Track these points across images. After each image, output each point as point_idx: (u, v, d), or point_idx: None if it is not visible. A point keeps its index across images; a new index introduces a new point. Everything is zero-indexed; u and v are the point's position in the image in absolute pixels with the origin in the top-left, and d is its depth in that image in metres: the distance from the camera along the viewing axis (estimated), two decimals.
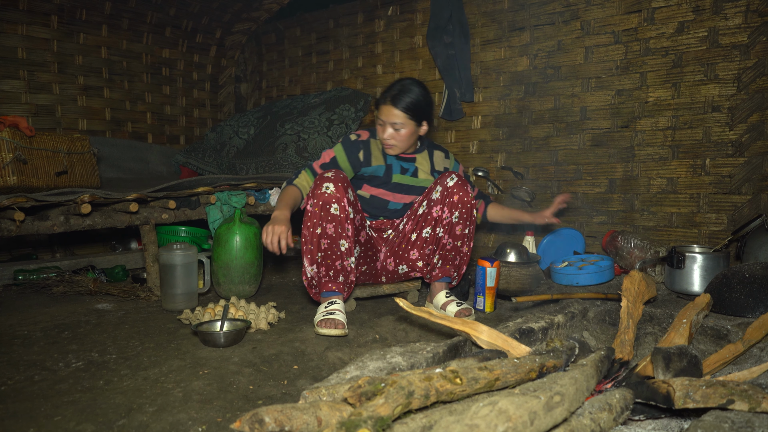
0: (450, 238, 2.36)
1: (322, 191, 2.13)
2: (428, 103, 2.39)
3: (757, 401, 1.14)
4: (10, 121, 2.38)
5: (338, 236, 2.16)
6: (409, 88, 2.32)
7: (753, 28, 2.81)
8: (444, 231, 2.35)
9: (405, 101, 2.29)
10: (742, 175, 2.87)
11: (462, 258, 2.43)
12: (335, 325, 2.07)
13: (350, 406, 1.05)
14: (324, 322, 2.08)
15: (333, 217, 2.13)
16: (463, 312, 2.29)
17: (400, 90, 2.32)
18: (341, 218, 2.14)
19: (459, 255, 2.40)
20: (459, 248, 2.39)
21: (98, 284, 2.78)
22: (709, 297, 1.98)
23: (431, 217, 2.37)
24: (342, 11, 4.46)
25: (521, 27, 3.57)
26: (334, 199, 2.12)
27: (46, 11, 3.75)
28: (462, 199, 2.30)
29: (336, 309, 2.14)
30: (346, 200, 2.15)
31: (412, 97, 2.31)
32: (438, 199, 2.34)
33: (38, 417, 1.43)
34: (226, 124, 4.51)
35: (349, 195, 2.19)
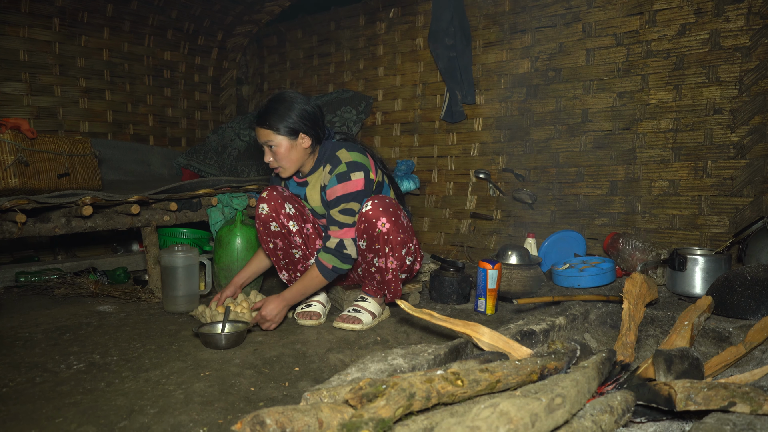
0: (363, 262, 2.26)
1: (259, 212, 2.26)
2: (300, 114, 2.14)
3: (758, 403, 1.13)
4: (11, 124, 2.39)
5: (288, 247, 2.31)
6: (276, 101, 2.15)
7: (755, 30, 2.80)
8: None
9: (269, 117, 2.13)
10: (744, 178, 2.86)
11: (384, 279, 2.23)
12: (311, 316, 2.30)
13: (351, 407, 1.05)
14: (301, 314, 2.31)
15: (276, 233, 2.27)
16: (347, 319, 2.23)
17: (265, 106, 2.16)
18: (284, 233, 2.27)
19: (377, 276, 2.24)
20: (373, 273, 2.25)
21: (100, 286, 2.78)
22: (710, 299, 1.97)
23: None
24: (343, 13, 4.46)
25: (523, 29, 3.57)
26: (270, 218, 2.24)
27: (47, 14, 3.76)
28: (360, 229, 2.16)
29: (315, 301, 2.37)
30: (283, 215, 2.24)
31: (278, 110, 2.13)
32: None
33: (40, 419, 1.43)
34: (228, 126, 4.51)
35: (286, 210, 2.25)
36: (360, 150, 2.23)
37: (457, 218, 3.93)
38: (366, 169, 2.18)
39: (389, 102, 4.23)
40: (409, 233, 2.22)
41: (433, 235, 4.03)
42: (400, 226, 2.15)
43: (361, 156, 2.20)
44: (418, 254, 2.34)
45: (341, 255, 2.14)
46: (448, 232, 3.96)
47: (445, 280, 2.65)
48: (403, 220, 2.20)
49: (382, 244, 2.12)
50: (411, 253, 2.25)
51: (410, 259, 2.25)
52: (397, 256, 2.16)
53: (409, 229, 2.25)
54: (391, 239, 2.11)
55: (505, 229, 3.70)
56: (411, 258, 2.26)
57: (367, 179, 2.18)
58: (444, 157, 3.98)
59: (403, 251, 2.18)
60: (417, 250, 2.31)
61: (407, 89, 4.14)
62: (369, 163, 2.23)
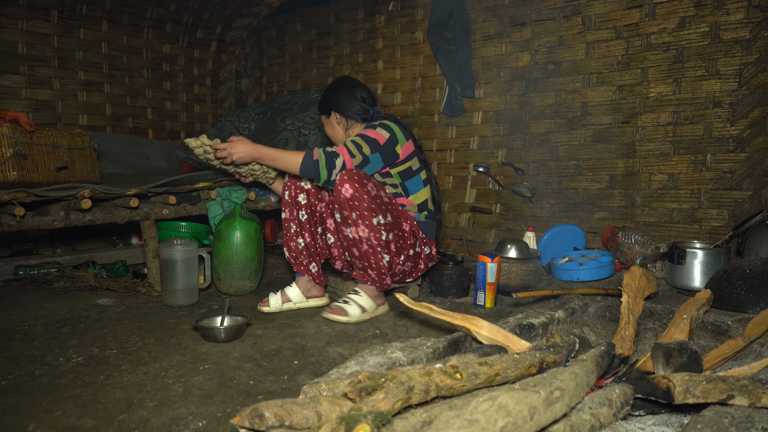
0: (341, 237, 2.28)
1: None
2: (329, 95, 2.45)
3: (757, 396, 1.13)
4: (10, 116, 2.38)
5: (292, 217, 2.46)
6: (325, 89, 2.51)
7: (755, 23, 2.80)
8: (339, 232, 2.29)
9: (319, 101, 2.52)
10: (743, 171, 2.86)
11: (361, 253, 2.20)
12: (286, 299, 2.45)
13: (350, 401, 1.05)
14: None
15: (286, 202, 2.47)
16: (335, 310, 2.25)
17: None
18: (289, 201, 2.46)
19: (355, 251, 2.23)
20: (351, 249, 2.24)
21: (99, 280, 2.78)
22: (709, 293, 1.98)
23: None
24: (343, 6, 4.45)
25: (522, 22, 3.56)
26: (285, 186, 2.48)
27: (46, 6, 3.74)
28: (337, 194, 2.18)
29: (294, 284, 2.50)
30: (296, 187, 2.43)
31: (323, 95, 2.49)
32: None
33: (39, 412, 1.43)
34: (227, 120, 4.50)
35: (300, 183, 2.43)
36: (401, 128, 2.36)
37: (456, 212, 3.93)
38: (394, 134, 2.29)
39: (389, 95, 4.22)
40: (388, 210, 2.21)
41: None
42: (370, 195, 2.14)
43: (396, 128, 2.32)
44: (416, 248, 2.35)
45: (330, 160, 2.17)
46: (447, 225, 3.96)
47: (444, 273, 2.65)
48: (378, 192, 2.19)
49: (348, 210, 2.13)
50: (391, 230, 2.21)
51: (390, 237, 2.20)
52: (367, 225, 2.13)
53: (390, 207, 2.23)
54: (357, 205, 2.11)
55: (504, 222, 3.70)
56: (391, 235, 2.21)
57: (391, 141, 2.27)
58: (443, 150, 3.97)
59: (375, 221, 2.14)
60: (409, 240, 2.31)
61: (406, 82, 4.12)
62: (402, 136, 2.33)
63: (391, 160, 2.31)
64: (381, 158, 2.26)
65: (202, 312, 2.39)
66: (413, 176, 2.39)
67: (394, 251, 2.25)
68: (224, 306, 2.08)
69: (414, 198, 2.42)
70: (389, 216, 2.20)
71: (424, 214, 2.44)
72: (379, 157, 2.25)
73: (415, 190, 2.41)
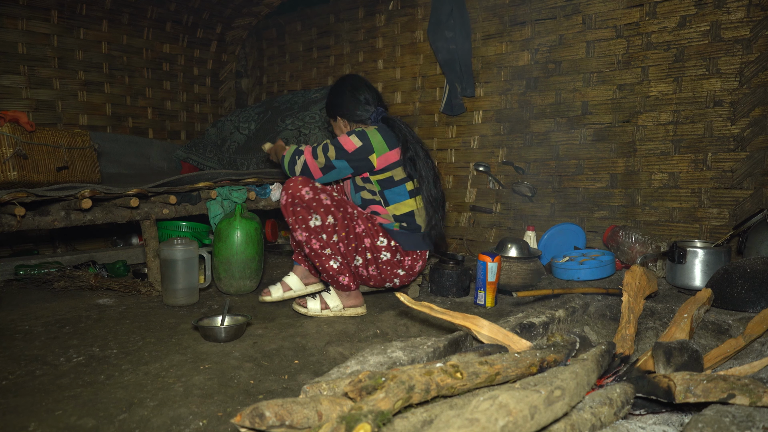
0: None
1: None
2: (333, 99, 2.45)
3: (758, 395, 1.13)
4: (10, 116, 2.38)
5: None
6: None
7: (755, 22, 2.79)
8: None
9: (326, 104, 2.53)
10: (744, 170, 2.86)
11: (308, 254, 2.26)
12: (287, 288, 2.54)
13: (351, 400, 1.05)
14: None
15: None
16: (301, 302, 2.36)
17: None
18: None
19: (305, 250, 2.27)
20: (302, 250, 2.37)
21: (99, 279, 2.78)
22: (710, 292, 1.97)
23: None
24: (343, 6, 4.45)
25: (522, 21, 3.56)
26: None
27: (46, 6, 3.74)
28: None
29: (291, 272, 2.60)
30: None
31: (328, 98, 2.49)
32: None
33: (39, 411, 1.43)
34: (227, 120, 4.50)
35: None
36: (386, 136, 2.27)
37: (456, 211, 3.93)
38: (368, 146, 2.22)
39: (389, 95, 4.22)
40: (329, 212, 2.18)
41: None
42: (303, 200, 2.16)
43: (377, 137, 2.24)
44: (378, 253, 2.29)
45: (293, 158, 2.30)
46: (447, 225, 3.96)
47: (444, 273, 2.65)
48: (315, 195, 2.16)
49: (286, 215, 2.22)
50: (335, 232, 2.19)
51: (335, 239, 2.19)
52: (304, 227, 2.17)
53: (334, 209, 2.19)
54: (292, 210, 2.18)
55: (504, 221, 3.70)
56: (336, 237, 2.19)
57: (362, 150, 2.21)
58: (444, 149, 3.97)
59: (312, 223, 2.16)
60: (364, 243, 2.26)
61: (407, 82, 4.12)
62: (383, 145, 2.24)
63: (362, 170, 2.26)
64: (348, 165, 2.24)
65: (203, 312, 2.39)
66: (395, 186, 2.29)
67: (344, 253, 2.25)
68: (225, 305, 2.08)
69: (393, 209, 2.32)
70: (330, 218, 2.18)
71: (398, 224, 2.33)
72: (346, 164, 2.23)
73: (395, 200, 2.31)
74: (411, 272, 2.41)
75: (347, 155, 2.21)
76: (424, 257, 2.43)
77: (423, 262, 2.43)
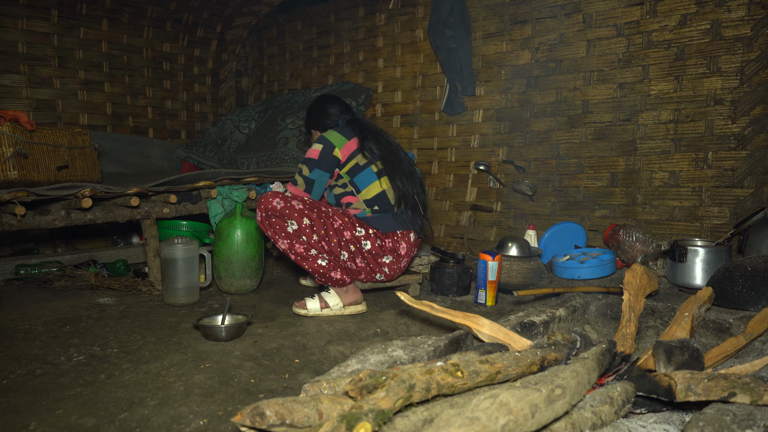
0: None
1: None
2: (307, 116, 2.65)
3: (758, 394, 1.13)
4: (10, 116, 2.38)
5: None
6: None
7: (756, 20, 2.79)
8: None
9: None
10: (745, 169, 2.86)
11: (294, 260, 2.33)
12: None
13: (351, 399, 1.04)
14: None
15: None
16: (300, 304, 2.38)
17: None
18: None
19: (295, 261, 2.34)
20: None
21: (100, 279, 2.78)
22: (711, 290, 1.97)
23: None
24: (343, 5, 4.44)
25: (523, 20, 3.55)
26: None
27: (46, 5, 3.74)
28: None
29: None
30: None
31: (305, 116, 2.67)
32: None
33: (40, 410, 1.43)
34: (227, 119, 4.50)
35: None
36: (343, 131, 2.41)
37: (457, 210, 3.93)
38: (328, 144, 2.36)
39: (389, 94, 4.22)
40: (304, 215, 2.23)
41: (434, 227, 4.02)
42: (276, 210, 2.22)
43: (334, 134, 2.40)
44: (360, 243, 2.33)
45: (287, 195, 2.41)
46: (448, 224, 3.96)
47: (445, 272, 2.65)
48: (287, 204, 2.22)
49: (264, 230, 2.27)
50: (314, 231, 2.24)
51: (315, 238, 2.24)
52: (284, 235, 2.23)
53: (308, 211, 2.24)
54: (267, 224, 2.24)
55: (505, 220, 3.70)
56: (316, 237, 2.24)
57: (325, 149, 2.36)
58: (444, 148, 3.97)
59: (290, 229, 2.23)
60: (345, 236, 2.29)
61: (407, 81, 4.12)
62: (340, 138, 2.39)
63: (334, 166, 2.38)
64: (322, 170, 2.36)
65: (203, 311, 2.39)
66: (361, 171, 2.38)
67: (329, 250, 2.28)
68: (225, 305, 2.08)
69: (365, 193, 2.38)
70: (306, 220, 2.23)
71: (370, 209, 2.39)
72: (320, 171, 2.36)
73: (365, 184, 2.38)
74: (397, 257, 2.40)
75: (316, 162, 2.36)
76: (408, 239, 2.42)
77: (407, 244, 2.41)
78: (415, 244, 2.47)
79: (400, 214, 2.39)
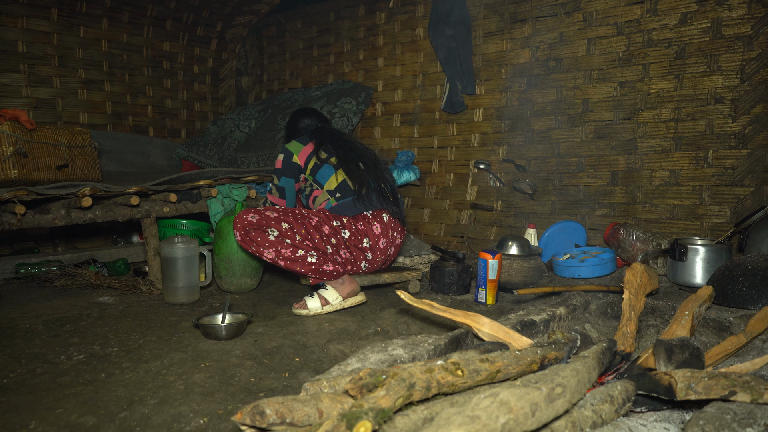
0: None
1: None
2: (286, 130, 2.86)
3: (759, 392, 1.13)
4: (10, 115, 2.38)
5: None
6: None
7: (757, 18, 2.79)
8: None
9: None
10: (745, 167, 2.85)
11: (293, 267, 2.34)
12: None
13: (351, 398, 1.04)
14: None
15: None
16: (300, 304, 2.38)
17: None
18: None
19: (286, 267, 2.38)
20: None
21: (100, 278, 2.78)
22: (711, 289, 1.97)
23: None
24: (343, 3, 4.44)
25: (523, 19, 3.55)
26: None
27: (46, 4, 3.74)
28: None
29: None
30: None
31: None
32: None
33: (40, 409, 1.43)
34: (228, 118, 4.50)
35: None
36: (300, 139, 2.59)
37: (457, 209, 3.93)
38: (288, 153, 2.55)
39: (389, 93, 4.22)
40: (282, 219, 2.27)
41: (434, 226, 4.02)
42: (252, 224, 2.25)
43: (293, 143, 2.57)
44: (339, 234, 2.35)
45: (267, 204, 2.66)
46: (448, 223, 3.96)
47: (445, 271, 2.65)
48: (262, 215, 2.26)
49: (246, 248, 2.30)
50: (296, 232, 2.26)
51: (298, 239, 2.26)
52: (267, 245, 2.25)
53: (285, 215, 2.28)
54: (247, 240, 2.26)
55: (505, 219, 3.69)
56: (299, 237, 2.26)
57: (286, 158, 2.55)
58: (444, 147, 3.97)
59: (271, 237, 2.25)
60: (324, 229, 2.32)
61: (407, 80, 4.12)
62: (297, 145, 2.56)
63: (297, 172, 2.55)
64: (287, 177, 2.55)
65: (203, 310, 2.39)
66: (320, 168, 2.50)
67: (314, 246, 2.29)
68: (225, 303, 2.08)
69: (327, 185, 2.47)
70: (284, 224, 2.26)
71: (333, 198, 2.44)
72: (286, 178, 2.56)
73: (326, 178, 2.48)
74: (373, 237, 2.42)
75: (281, 171, 2.55)
76: (380, 219, 2.44)
77: (381, 224, 2.44)
78: (392, 227, 2.50)
79: (363, 197, 2.44)
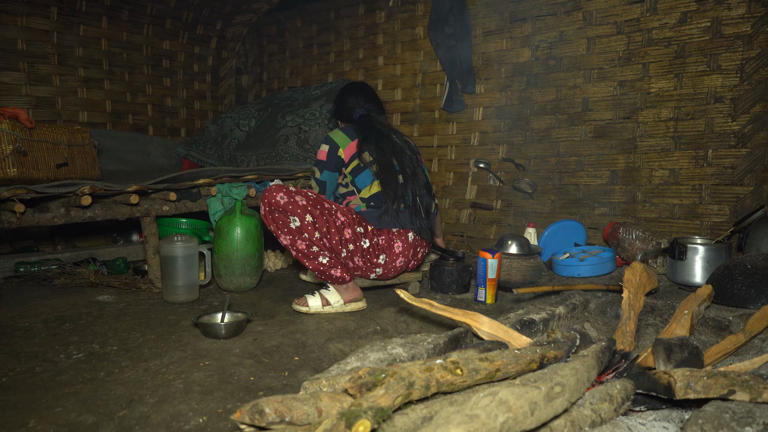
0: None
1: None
2: (334, 101, 2.75)
3: (758, 391, 1.13)
4: (9, 113, 2.38)
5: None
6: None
7: (756, 17, 2.78)
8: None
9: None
10: (745, 166, 2.85)
11: (302, 259, 2.31)
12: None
13: (351, 396, 1.04)
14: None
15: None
16: (301, 301, 2.38)
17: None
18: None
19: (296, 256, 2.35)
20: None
21: (99, 276, 2.78)
22: (710, 288, 1.97)
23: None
24: (343, 2, 4.44)
25: (523, 18, 3.55)
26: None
27: (45, 2, 3.73)
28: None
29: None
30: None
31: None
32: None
33: (39, 408, 1.43)
34: (227, 117, 4.49)
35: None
36: (347, 131, 2.49)
37: (457, 208, 3.93)
38: (333, 144, 2.45)
39: (389, 91, 4.21)
40: (307, 211, 2.22)
41: None
42: (279, 205, 2.21)
43: (339, 134, 2.48)
44: (360, 241, 2.34)
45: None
46: (448, 221, 3.96)
47: (445, 269, 2.65)
48: (290, 199, 2.21)
49: (267, 224, 2.27)
50: (316, 228, 2.23)
51: (317, 235, 2.22)
52: (287, 231, 2.23)
53: (311, 208, 2.23)
54: (270, 218, 2.24)
55: (505, 218, 3.69)
56: (318, 234, 2.23)
57: (331, 150, 2.45)
58: (444, 146, 3.97)
59: (291, 225, 2.22)
60: (347, 232, 2.30)
61: (407, 79, 4.12)
62: (344, 138, 2.46)
63: (340, 165, 2.46)
64: (331, 171, 2.46)
65: (203, 308, 2.39)
66: (362, 171, 2.44)
67: (330, 247, 2.27)
68: (225, 302, 2.08)
69: (365, 192, 2.44)
70: (308, 216, 2.22)
71: (365, 204, 2.43)
72: (328, 172, 2.47)
73: (365, 184, 2.44)
74: (390, 255, 2.40)
75: (324, 164, 2.46)
76: (404, 238, 2.42)
77: (403, 244, 2.42)
78: (415, 245, 2.47)
79: (396, 213, 2.39)
